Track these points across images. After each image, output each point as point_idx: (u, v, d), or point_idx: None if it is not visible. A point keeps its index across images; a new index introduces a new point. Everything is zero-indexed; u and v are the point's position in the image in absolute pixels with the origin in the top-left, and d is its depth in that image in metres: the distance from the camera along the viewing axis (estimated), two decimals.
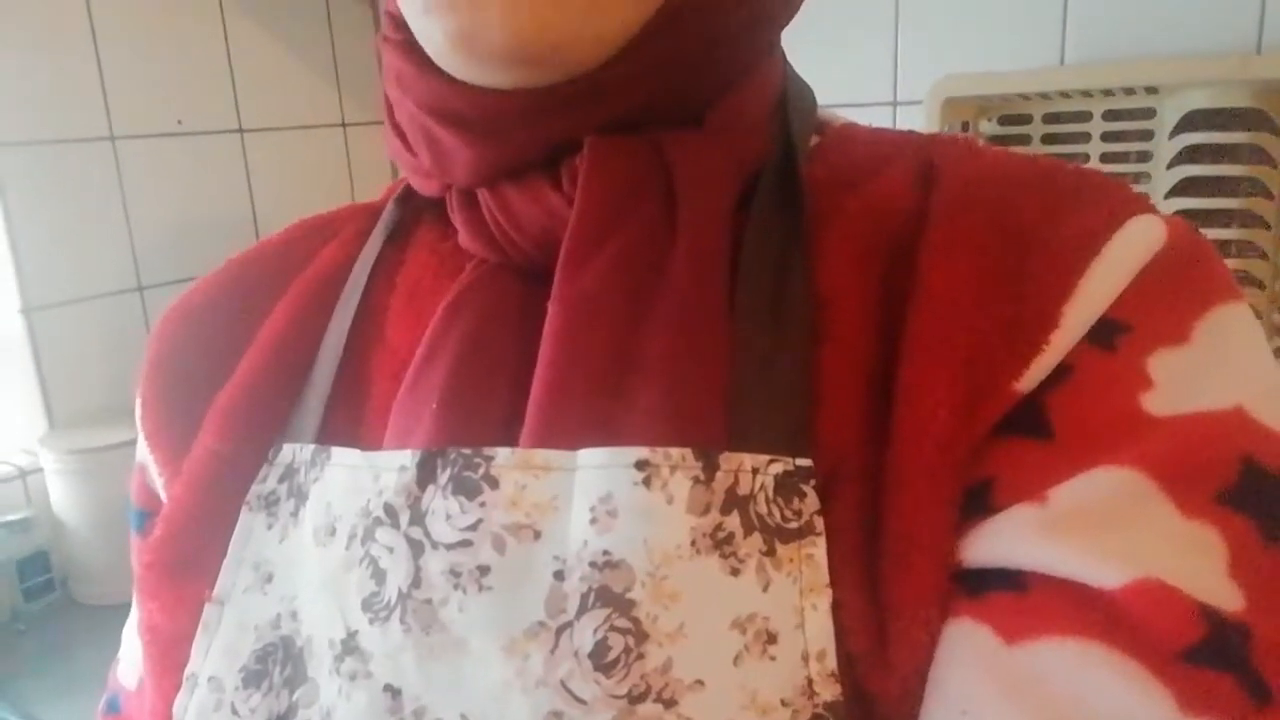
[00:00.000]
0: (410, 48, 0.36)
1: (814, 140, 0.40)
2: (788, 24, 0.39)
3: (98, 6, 1.28)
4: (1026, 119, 1.05)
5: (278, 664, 0.34)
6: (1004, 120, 1.06)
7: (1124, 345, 0.31)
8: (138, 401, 0.43)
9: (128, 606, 0.42)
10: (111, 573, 1.20)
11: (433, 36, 0.34)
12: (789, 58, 0.41)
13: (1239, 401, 0.30)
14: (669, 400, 0.31)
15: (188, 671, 0.36)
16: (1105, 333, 0.31)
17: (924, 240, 0.33)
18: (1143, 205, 0.33)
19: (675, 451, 0.30)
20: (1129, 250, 0.32)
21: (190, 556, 0.38)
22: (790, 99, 0.39)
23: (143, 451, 0.43)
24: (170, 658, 0.37)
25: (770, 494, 0.30)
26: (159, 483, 0.42)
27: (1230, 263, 0.93)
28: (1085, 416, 0.30)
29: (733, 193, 0.35)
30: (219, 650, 0.35)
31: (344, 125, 1.62)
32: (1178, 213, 0.92)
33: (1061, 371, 0.31)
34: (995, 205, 0.33)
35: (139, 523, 0.44)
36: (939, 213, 0.34)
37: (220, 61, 1.44)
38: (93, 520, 1.20)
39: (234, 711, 0.34)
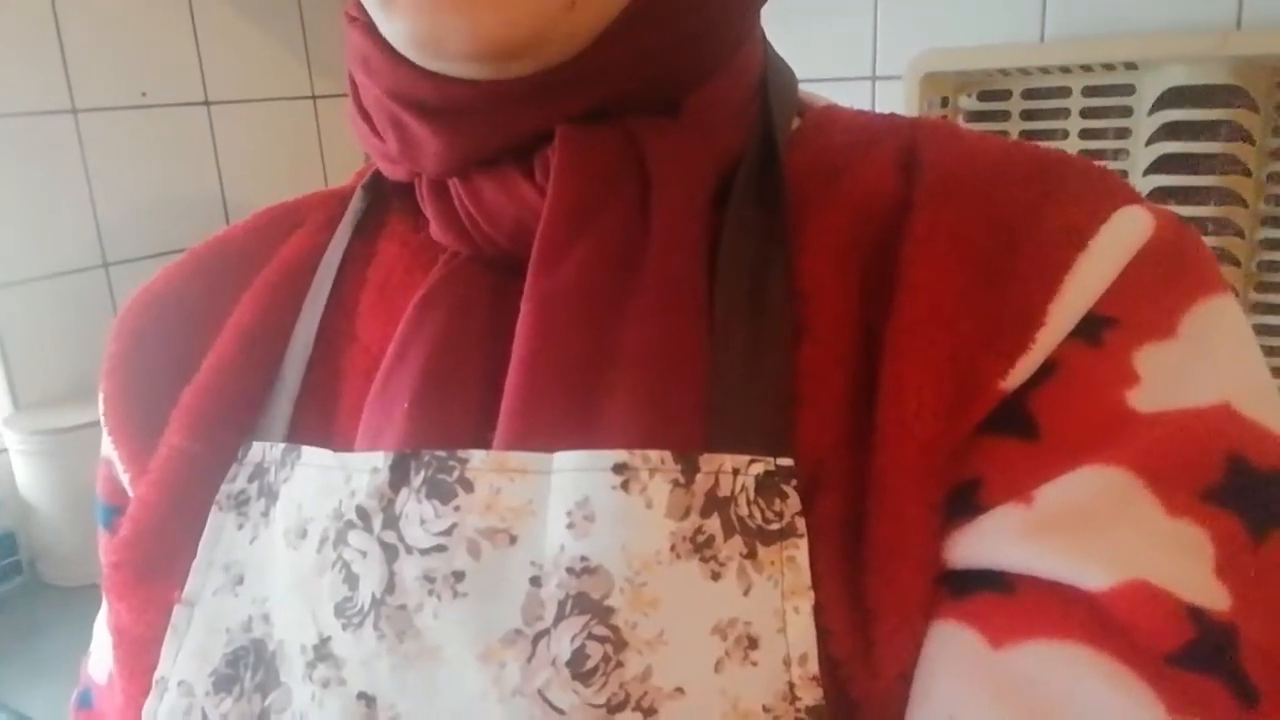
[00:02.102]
0: (376, 29, 0.35)
1: (795, 124, 0.39)
2: (765, 2, 0.38)
3: None
4: (1006, 95, 1.04)
5: (249, 668, 0.33)
6: (983, 96, 1.06)
7: (1110, 340, 0.31)
8: (100, 397, 0.42)
9: (97, 588, 0.41)
10: (79, 554, 1.18)
11: (393, 34, 0.33)
12: (766, 33, 0.40)
13: (1226, 397, 0.30)
14: (647, 400, 0.31)
15: (157, 675, 0.35)
16: (1092, 328, 0.31)
17: (906, 231, 0.32)
18: (1129, 196, 0.33)
19: (654, 454, 0.30)
20: (1116, 244, 0.31)
21: (158, 557, 0.37)
22: (771, 83, 0.38)
23: (107, 447, 0.42)
24: (139, 660, 0.36)
25: (751, 495, 0.30)
26: (125, 479, 0.41)
27: (1207, 240, 0.93)
28: (1071, 415, 0.30)
29: (710, 184, 0.34)
30: (189, 653, 0.35)
31: (313, 97, 1.59)
32: (1155, 190, 0.94)
33: (1047, 368, 0.31)
34: (979, 196, 0.33)
35: (106, 519, 0.43)
36: (922, 202, 0.33)
37: (185, 31, 1.40)
38: (60, 501, 1.18)
39: (205, 716, 0.33)
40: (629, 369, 0.31)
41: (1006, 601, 0.29)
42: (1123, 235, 0.31)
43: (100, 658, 0.43)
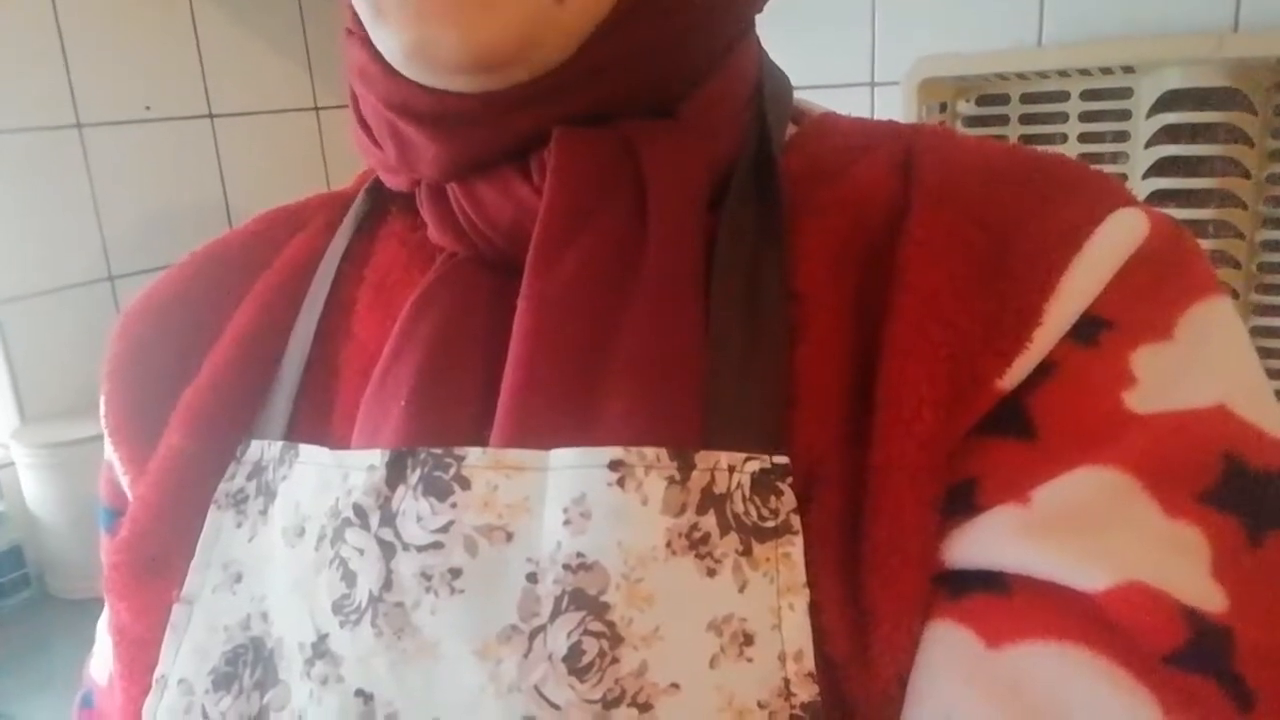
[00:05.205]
0: (373, 42, 0.35)
1: (791, 130, 0.39)
2: (760, 9, 0.39)
3: None
4: (1004, 99, 1.04)
5: (248, 666, 0.34)
6: (982, 101, 1.06)
7: (1107, 342, 0.31)
8: (101, 399, 0.42)
9: (103, 601, 0.41)
10: (86, 567, 1.18)
11: (385, 45, 0.33)
12: (765, 40, 0.41)
13: (1221, 399, 0.30)
14: (643, 398, 0.31)
15: (157, 673, 0.35)
16: (1088, 329, 0.31)
17: (903, 234, 0.33)
18: (1125, 198, 0.33)
19: (650, 451, 0.30)
20: (1111, 245, 0.31)
21: (158, 556, 0.37)
22: (766, 88, 0.38)
23: (109, 450, 0.42)
24: (139, 659, 0.36)
25: (747, 492, 0.30)
26: (124, 481, 0.42)
27: (1207, 243, 0.93)
28: (1068, 415, 0.30)
29: (705, 185, 0.35)
30: (188, 651, 0.35)
31: (316, 109, 1.60)
32: (1155, 192, 0.94)
33: (1044, 369, 0.31)
34: (976, 198, 0.33)
35: (107, 521, 0.43)
36: (919, 204, 0.33)
37: (188, 45, 1.41)
38: (67, 514, 1.18)
39: (204, 714, 0.33)
40: (625, 367, 0.31)
41: (1003, 602, 0.29)
42: (1118, 237, 0.31)
43: (102, 659, 0.43)
